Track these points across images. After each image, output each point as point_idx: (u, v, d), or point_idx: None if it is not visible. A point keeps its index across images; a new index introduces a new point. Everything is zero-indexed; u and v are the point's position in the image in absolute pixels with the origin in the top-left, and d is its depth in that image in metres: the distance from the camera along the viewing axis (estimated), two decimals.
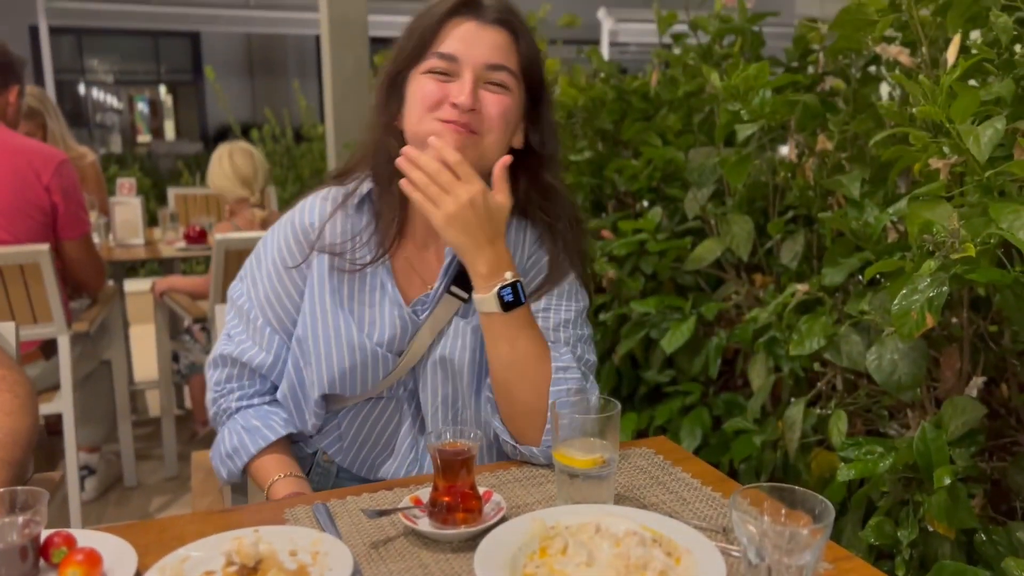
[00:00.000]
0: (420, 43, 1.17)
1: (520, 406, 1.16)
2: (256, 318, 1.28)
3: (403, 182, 1.12)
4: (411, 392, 1.28)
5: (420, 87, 1.16)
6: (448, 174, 1.10)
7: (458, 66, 1.15)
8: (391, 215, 1.23)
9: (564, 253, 1.26)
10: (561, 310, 1.24)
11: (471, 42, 1.16)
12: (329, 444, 1.31)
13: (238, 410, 1.30)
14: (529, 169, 1.24)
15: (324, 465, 1.32)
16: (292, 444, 1.33)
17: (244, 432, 1.27)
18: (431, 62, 1.16)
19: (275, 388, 1.31)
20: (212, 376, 1.33)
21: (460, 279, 1.23)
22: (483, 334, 1.18)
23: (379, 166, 1.23)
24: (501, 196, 1.14)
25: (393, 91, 1.21)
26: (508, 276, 1.13)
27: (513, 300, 1.13)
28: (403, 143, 1.17)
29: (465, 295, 1.23)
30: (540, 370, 1.14)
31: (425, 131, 1.14)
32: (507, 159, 1.14)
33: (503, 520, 0.97)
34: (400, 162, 1.12)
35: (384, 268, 1.24)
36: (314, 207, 1.26)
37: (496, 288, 1.12)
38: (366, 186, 1.26)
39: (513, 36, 1.19)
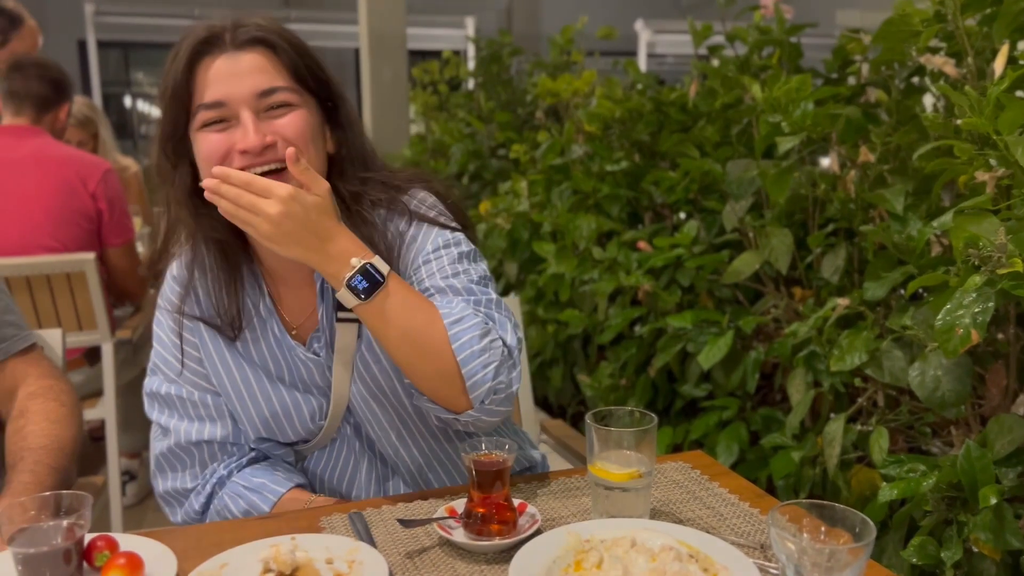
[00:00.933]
0: (179, 101, 1.08)
1: (431, 378, 1.07)
2: (191, 395, 1.20)
3: (220, 211, 1.04)
4: (355, 427, 1.24)
5: (202, 145, 1.08)
6: (248, 195, 1.01)
7: (229, 109, 1.07)
8: (236, 270, 1.18)
9: (416, 223, 1.18)
10: (433, 264, 1.16)
11: (229, 79, 1.07)
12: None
13: (230, 475, 1.20)
14: (350, 169, 1.17)
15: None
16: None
17: (249, 492, 1.17)
18: (201, 116, 1.08)
19: (252, 449, 1.23)
20: (173, 484, 1.20)
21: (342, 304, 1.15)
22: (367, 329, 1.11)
23: (203, 232, 1.15)
24: (314, 187, 1.04)
25: (177, 157, 1.12)
26: (354, 263, 1.04)
27: (369, 285, 1.04)
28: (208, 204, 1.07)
29: (356, 316, 1.14)
30: (434, 334, 1.05)
31: None
32: (291, 151, 1.03)
33: (538, 532, 0.97)
34: (207, 196, 1.03)
35: (268, 311, 1.20)
36: (178, 274, 1.22)
37: (345, 281, 1.04)
38: (207, 250, 1.19)
39: (270, 51, 1.10)
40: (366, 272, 1.04)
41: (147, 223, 3.67)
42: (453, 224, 1.20)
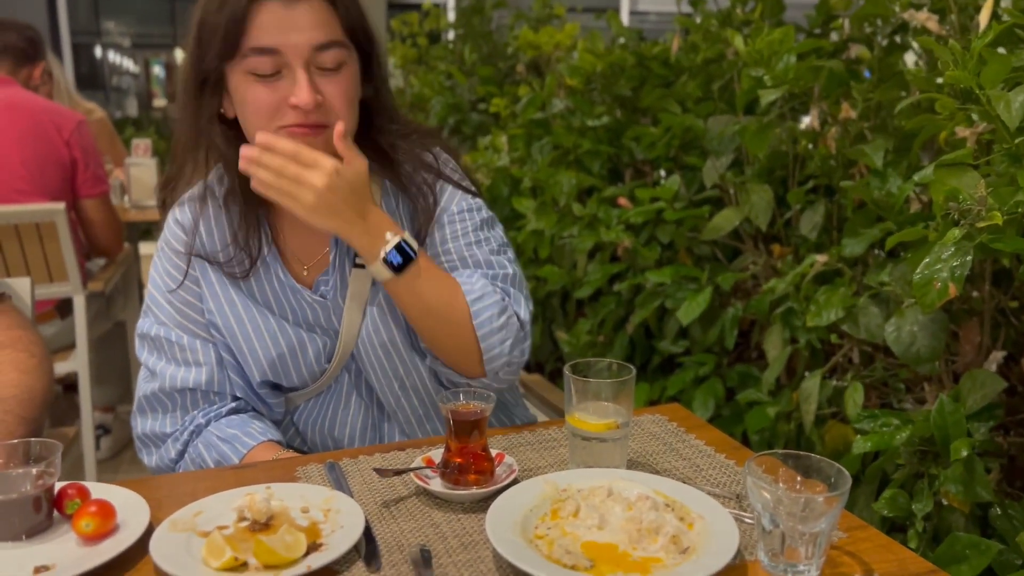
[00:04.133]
0: (228, 36, 1.04)
1: (452, 349, 1.15)
2: (179, 338, 1.20)
3: (253, 184, 1.05)
4: (356, 373, 1.23)
5: (248, 93, 1.06)
6: (294, 165, 1.02)
7: (282, 58, 1.05)
8: (252, 207, 1.16)
9: (436, 184, 1.21)
10: (457, 227, 1.20)
11: (287, 27, 1.04)
12: (298, 446, 1.28)
13: (208, 423, 1.19)
14: (379, 120, 1.18)
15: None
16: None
17: (222, 443, 1.16)
18: (251, 61, 1.05)
19: (235, 398, 1.23)
20: (152, 426, 1.20)
21: None
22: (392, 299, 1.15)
23: (224, 161, 1.15)
24: (354, 163, 1.07)
25: (207, 87, 1.10)
26: (389, 237, 1.08)
27: (402, 260, 1.09)
28: (234, 133, 1.11)
29: None
30: (456, 311, 1.12)
31: None
32: (340, 127, 1.06)
33: (515, 482, 0.97)
34: (243, 166, 1.05)
35: (273, 256, 1.20)
36: (182, 218, 1.21)
37: (381, 255, 1.08)
38: (224, 182, 1.18)
39: (329, 3, 1.08)
40: (400, 248, 1.09)
41: (117, 167, 3.61)
42: (473, 189, 1.24)
